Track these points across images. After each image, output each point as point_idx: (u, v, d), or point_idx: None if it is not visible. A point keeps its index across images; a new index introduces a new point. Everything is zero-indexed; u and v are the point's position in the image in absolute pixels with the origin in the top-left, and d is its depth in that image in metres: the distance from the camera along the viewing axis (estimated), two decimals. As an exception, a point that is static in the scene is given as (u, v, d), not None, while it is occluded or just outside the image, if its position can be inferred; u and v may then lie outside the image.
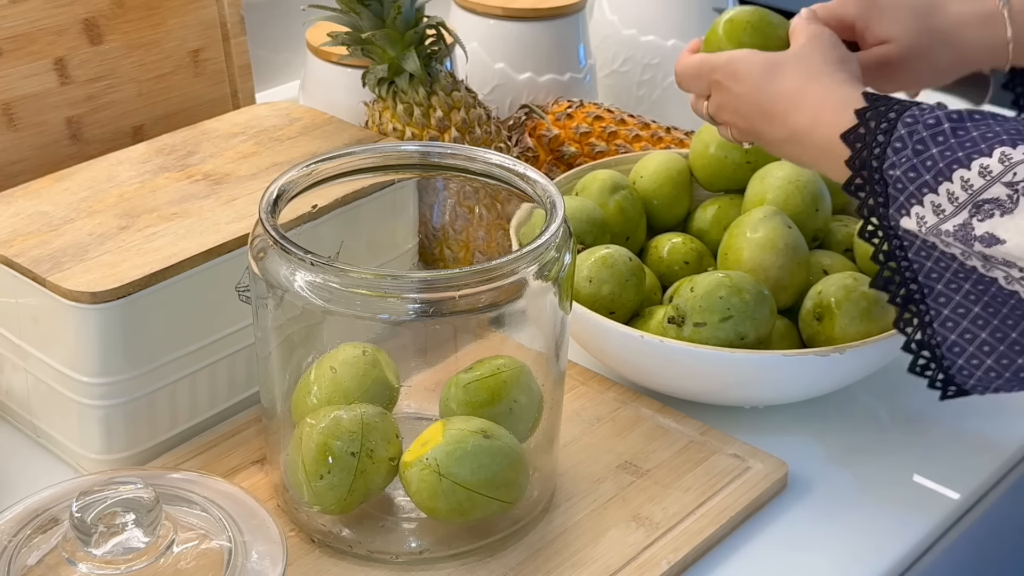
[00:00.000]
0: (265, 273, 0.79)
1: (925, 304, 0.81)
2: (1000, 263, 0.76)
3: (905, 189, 0.78)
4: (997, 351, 0.79)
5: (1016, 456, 0.97)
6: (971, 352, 0.80)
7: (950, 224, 0.76)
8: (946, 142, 0.77)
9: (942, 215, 0.77)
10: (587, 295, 0.97)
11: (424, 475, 0.80)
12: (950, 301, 0.80)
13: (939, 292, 0.80)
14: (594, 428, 0.95)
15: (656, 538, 0.85)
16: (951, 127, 0.77)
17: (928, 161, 0.77)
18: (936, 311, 0.81)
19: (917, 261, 0.80)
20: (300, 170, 0.85)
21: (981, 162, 0.75)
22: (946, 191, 0.76)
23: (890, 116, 0.79)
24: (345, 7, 1.07)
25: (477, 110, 1.11)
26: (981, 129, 0.77)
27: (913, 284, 0.81)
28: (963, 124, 0.77)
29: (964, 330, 0.80)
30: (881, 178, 0.79)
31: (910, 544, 0.88)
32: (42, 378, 0.90)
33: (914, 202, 0.78)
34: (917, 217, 0.78)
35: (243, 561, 0.74)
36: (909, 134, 0.78)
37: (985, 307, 0.79)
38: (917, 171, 0.77)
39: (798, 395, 0.97)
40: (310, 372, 0.84)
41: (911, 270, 0.80)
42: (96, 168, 0.99)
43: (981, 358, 0.80)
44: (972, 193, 0.75)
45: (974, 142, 0.76)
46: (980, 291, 0.78)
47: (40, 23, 1.05)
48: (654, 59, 1.39)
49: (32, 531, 0.76)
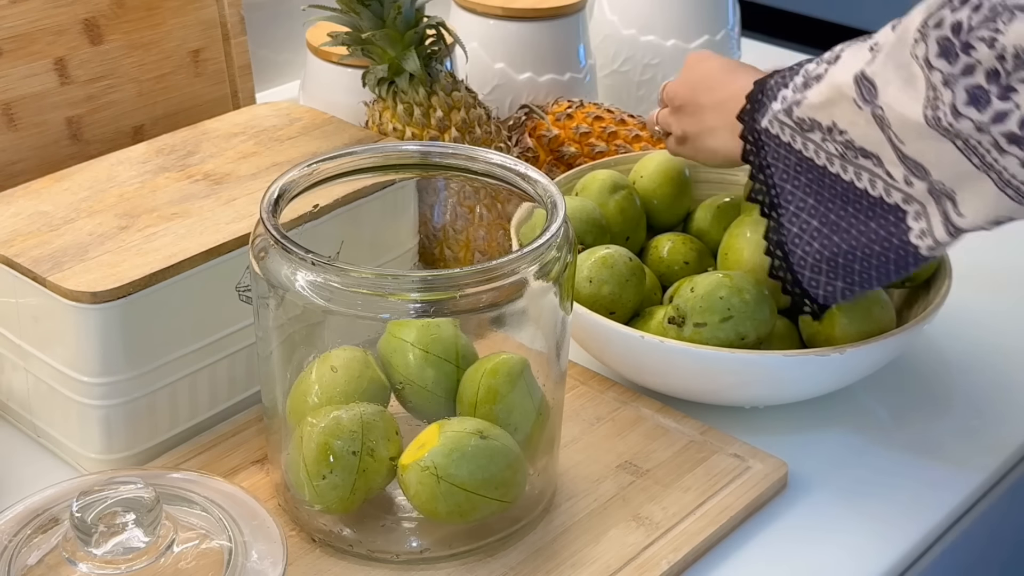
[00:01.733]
0: (266, 273, 0.79)
1: (781, 207, 0.91)
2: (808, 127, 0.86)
3: (772, 93, 0.90)
4: (822, 233, 0.89)
5: (1016, 456, 0.97)
6: (806, 240, 0.90)
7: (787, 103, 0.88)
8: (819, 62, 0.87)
9: (784, 101, 0.88)
10: (587, 295, 0.97)
11: (422, 478, 0.80)
12: (794, 197, 0.90)
13: (787, 191, 0.90)
14: (594, 428, 0.95)
15: (656, 538, 0.85)
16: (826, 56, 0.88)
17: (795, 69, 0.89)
18: (784, 208, 0.91)
19: (773, 164, 0.90)
20: (301, 170, 0.85)
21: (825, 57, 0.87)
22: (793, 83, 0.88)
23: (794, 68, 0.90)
24: (345, 7, 1.07)
25: (477, 110, 1.11)
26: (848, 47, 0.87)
27: (774, 190, 0.91)
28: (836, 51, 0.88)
29: (802, 222, 0.90)
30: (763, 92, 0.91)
31: (910, 544, 0.88)
32: (42, 378, 0.90)
33: (771, 99, 0.90)
34: (771, 111, 0.89)
35: (243, 561, 0.74)
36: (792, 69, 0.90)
37: (815, 195, 0.89)
38: (784, 76, 0.90)
39: (798, 395, 0.97)
40: (309, 372, 0.84)
41: (770, 174, 0.91)
42: (96, 168, 0.99)
43: (811, 244, 0.89)
44: (806, 76, 0.87)
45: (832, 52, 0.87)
46: (810, 180, 0.89)
47: (40, 23, 1.05)
48: (654, 59, 1.39)
49: (32, 531, 0.76)
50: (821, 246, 0.89)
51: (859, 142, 0.83)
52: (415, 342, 0.85)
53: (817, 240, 0.89)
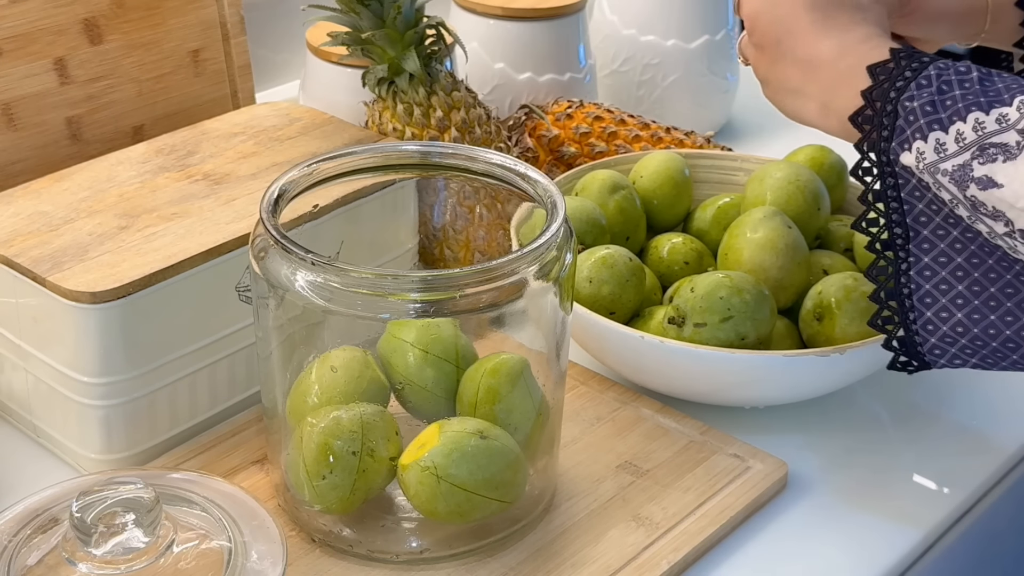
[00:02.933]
0: (266, 273, 0.79)
1: (906, 250, 0.79)
2: (988, 213, 0.74)
3: (915, 122, 0.76)
4: (971, 305, 0.78)
5: (1016, 456, 0.97)
6: (943, 303, 0.78)
7: (949, 164, 0.75)
8: (971, 87, 0.76)
9: (942, 153, 0.75)
10: (587, 295, 0.97)
11: (422, 478, 0.80)
12: (933, 247, 0.78)
13: (924, 237, 0.78)
14: (594, 428, 0.95)
15: (656, 538, 0.85)
16: (979, 76, 0.76)
17: (948, 100, 0.76)
18: (916, 257, 0.79)
19: (908, 201, 0.78)
20: (301, 170, 0.85)
21: (1001, 111, 0.74)
22: (956, 131, 0.75)
23: (924, 59, 0.78)
24: (345, 7, 1.07)
25: (477, 110, 1.11)
26: (1007, 82, 0.76)
27: (898, 228, 0.79)
28: (991, 77, 0.76)
29: (942, 280, 0.78)
30: (894, 109, 0.77)
31: (910, 544, 0.88)
32: (42, 378, 0.90)
33: (919, 136, 0.76)
34: (917, 152, 0.76)
35: (243, 561, 0.74)
36: (937, 75, 0.77)
37: (969, 257, 0.77)
38: (934, 107, 0.76)
39: (798, 395, 0.97)
40: (309, 372, 0.84)
41: (900, 212, 0.79)
42: (96, 168, 0.99)
43: (952, 311, 0.78)
44: (982, 135, 0.74)
45: (998, 92, 0.75)
46: (967, 239, 0.77)
47: (40, 23, 1.05)
48: (654, 59, 1.39)
49: (32, 531, 0.76)
50: (967, 319, 0.78)
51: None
52: (415, 342, 0.85)
53: (962, 311, 0.78)
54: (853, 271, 1.00)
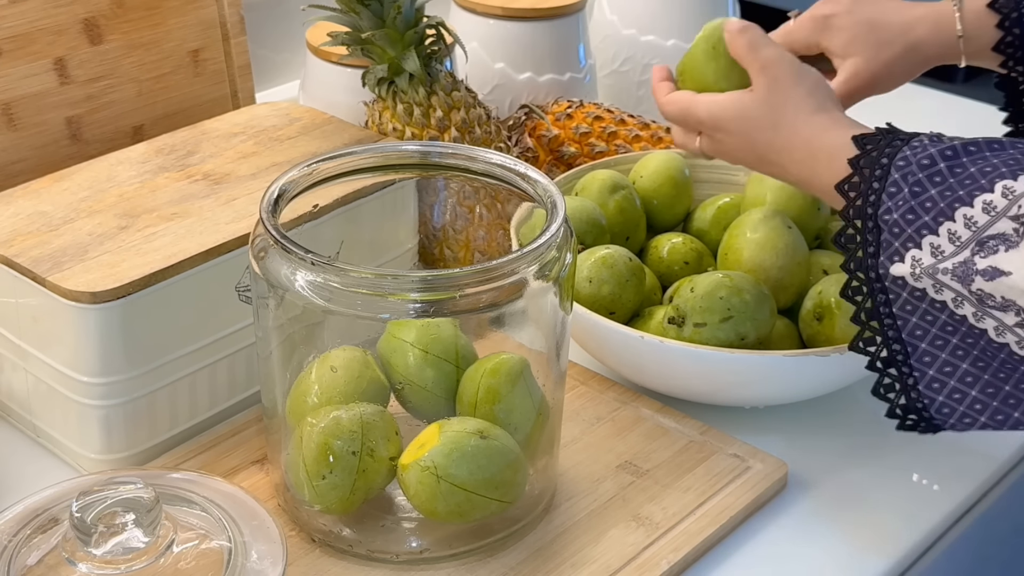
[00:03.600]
0: (266, 273, 0.79)
1: (908, 366, 0.77)
2: (996, 305, 0.72)
3: (902, 233, 0.76)
4: (990, 407, 0.76)
5: (1016, 456, 0.97)
6: (962, 411, 0.76)
7: (949, 263, 0.74)
8: (944, 182, 0.75)
9: (940, 255, 0.74)
10: (587, 295, 0.97)
11: (422, 478, 0.80)
12: (935, 359, 0.76)
13: (923, 351, 0.76)
14: (594, 428, 0.95)
15: (656, 538, 0.85)
16: (947, 166, 0.75)
17: (927, 203, 0.75)
18: (921, 372, 0.77)
19: (901, 317, 0.76)
20: (301, 170, 0.85)
21: (984, 198, 0.73)
22: (947, 231, 0.74)
23: (882, 162, 0.78)
24: (345, 7, 1.07)
25: (477, 110, 1.11)
26: (979, 164, 0.75)
27: (896, 344, 0.77)
28: (959, 160, 0.75)
29: (953, 389, 0.76)
30: (875, 225, 0.77)
31: (910, 544, 0.88)
32: (42, 378, 0.90)
33: (911, 245, 0.75)
34: (912, 260, 0.75)
35: (243, 561, 0.74)
36: (903, 177, 0.76)
37: (974, 362, 0.75)
38: (916, 213, 0.75)
39: (798, 395, 0.97)
40: (309, 372, 0.84)
41: (894, 328, 0.77)
42: (96, 168, 0.99)
43: (973, 416, 0.76)
44: (976, 230, 0.73)
45: (973, 178, 0.74)
46: (969, 344, 0.75)
47: (40, 23, 1.05)
48: (654, 59, 1.39)
49: (32, 531, 0.76)
50: (992, 421, 0.76)
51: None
52: (415, 342, 0.85)
53: (983, 415, 0.76)
54: (853, 271, 1.00)
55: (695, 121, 0.90)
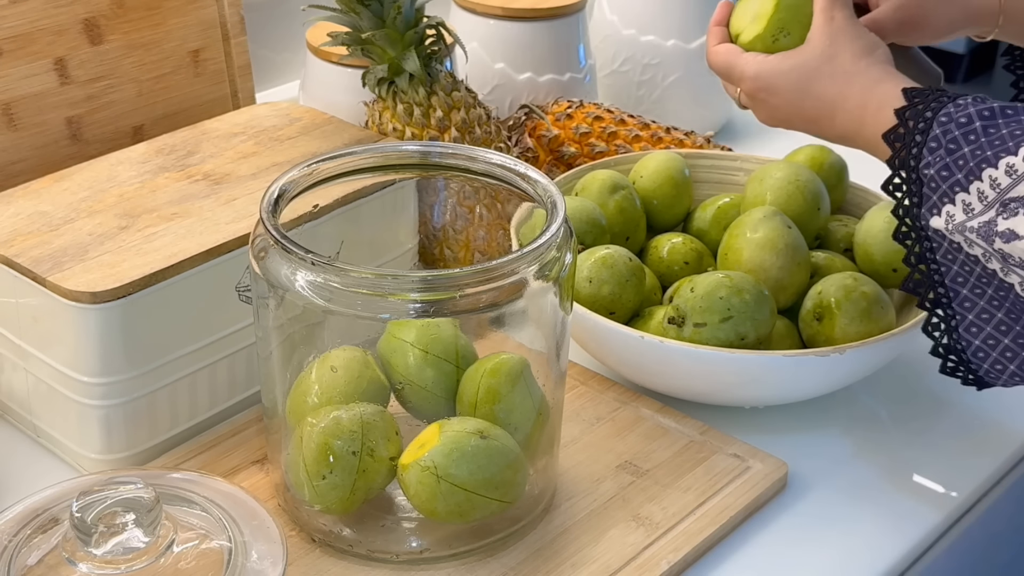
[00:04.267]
0: (266, 273, 0.79)
1: (951, 308, 0.81)
2: (1016, 263, 0.76)
3: (938, 188, 0.79)
4: (1020, 356, 0.80)
5: (1016, 456, 0.97)
6: (995, 357, 0.81)
7: (976, 221, 0.77)
8: (977, 141, 0.77)
9: (971, 213, 0.77)
10: (587, 295, 0.97)
11: (422, 477, 0.80)
12: (975, 306, 0.80)
13: (964, 297, 0.80)
14: (594, 428, 0.95)
15: (656, 538, 0.85)
16: (982, 125, 0.78)
17: (960, 160, 0.78)
18: (961, 315, 0.81)
19: (944, 264, 0.80)
20: (301, 170, 0.85)
21: (1008, 160, 0.76)
22: (976, 190, 0.77)
23: (926, 115, 0.80)
24: (345, 7, 1.07)
25: (477, 110, 1.11)
26: (1011, 127, 0.77)
27: (941, 288, 0.81)
28: (994, 121, 0.78)
29: (988, 335, 0.80)
30: (917, 177, 0.80)
31: (910, 544, 0.88)
32: (42, 378, 0.90)
33: (946, 201, 0.78)
34: (947, 215, 0.78)
35: (243, 561, 0.74)
36: (943, 133, 0.79)
37: (1008, 312, 0.79)
38: (950, 170, 0.78)
39: (798, 395, 0.97)
40: (309, 372, 0.84)
41: (939, 273, 0.81)
42: (96, 168, 0.99)
43: (1004, 363, 0.81)
44: (1000, 191, 0.76)
45: (1003, 140, 0.76)
46: (1002, 297, 0.79)
47: (40, 23, 1.05)
48: (654, 59, 1.39)
49: (32, 531, 0.76)
50: (1020, 369, 0.81)
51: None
52: (415, 342, 0.85)
53: (1014, 363, 0.80)
54: (853, 271, 1.00)
55: (738, 76, 0.92)
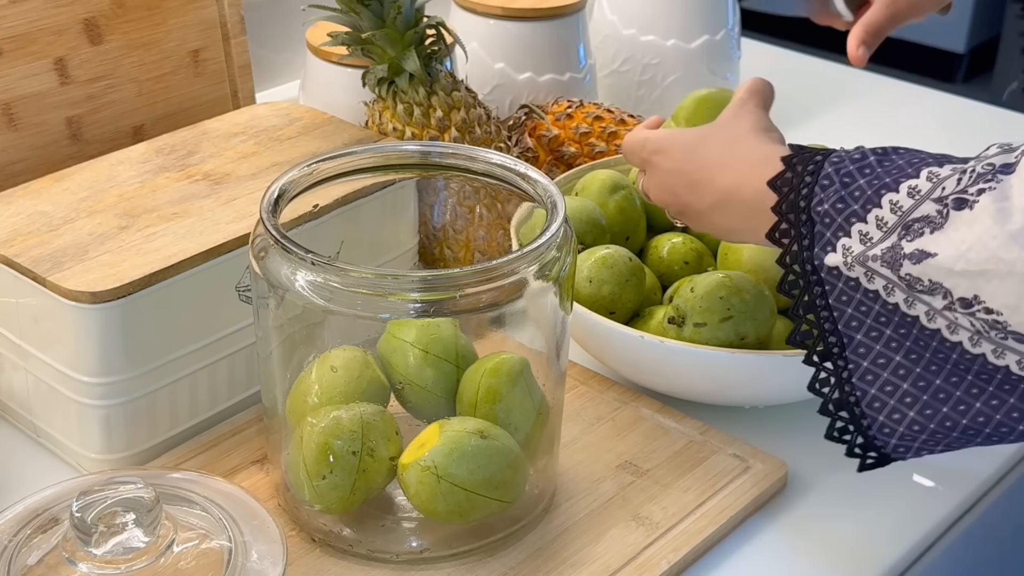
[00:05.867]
0: (266, 273, 0.79)
1: (844, 358, 0.77)
2: (924, 289, 0.73)
3: (833, 223, 0.76)
4: (920, 401, 0.75)
5: (1016, 456, 0.97)
6: (892, 405, 0.76)
7: (878, 248, 0.74)
8: (872, 172, 0.76)
9: (869, 242, 0.75)
10: (587, 295, 0.97)
11: (422, 477, 0.80)
12: (870, 351, 0.76)
13: (859, 343, 0.77)
14: (594, 428, 0.95)
15: (656, 538, 0.85)
16: (876, 159, 0.77)
17: (856, 192, 0.76)
18: (855, 364, 0.77)
19: (837, 308, 0.77)
20: (301, 170, 0.85)
21: (909, 184, 0.74)
22: (875, 217, 0.75)
23: (816, 159, 0.79)
24: (345, 7, 1.07)
25: (477, 110, 1.11)
26: (905, 157, 0.76)
27: (832, 336, 0.77)
28: (887, 156, 0.77)
29: (885, 382, 0.76)
30: (808, 218, 0.78)
31: (910, 544, 0.88)
32: (42, 378, 0.90)
33: (841, 234, 0.76)
34: (843, 249, 0.76)
35: (243, 561, 0.74)
36: (836, 171, 0.77)
37: (907, 353, 0.75)
38: (845, 202, 0.76)
39: (798, 395, 0.97)
40: (309, 372, 0.84)
41: (830, 320, 0.77)
42: (96, 168, 0.99)
43: (903, 411, 0.76)
44: (901, 215, 0.74)
45: (900, 168, 0.76)
46: (901, 336, 0.75)
47: (40, 23, 1.05)
48: (654, 59, 1.39)
49: (32, 531, 0.76)
50: (920, 416, 0.76)
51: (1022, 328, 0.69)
52: (415, 342, 0.85)
53: (913, 409, 0.75)
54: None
55: (640, 146, 0.90)
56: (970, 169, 0.73)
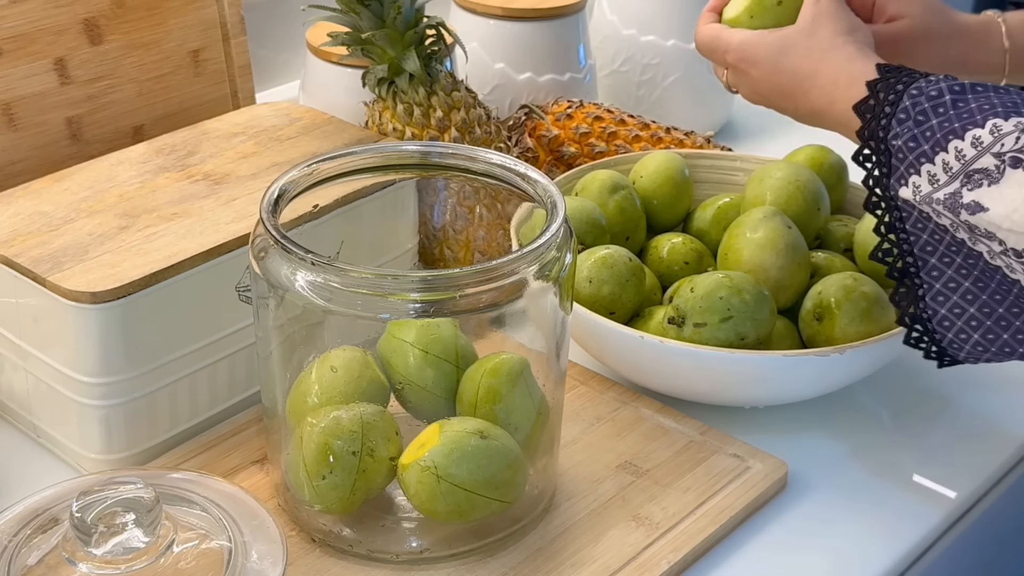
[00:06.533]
0: (266, 273, 0.79)
1: (919, 277, 0.82)
2: (983, 234, 0.77)
3: (905, 159, 0.80)
4: (984, 326, 0.81)
5: (1016, 456, 0.97)
6: (960, 326, 0.82)
7: (942, 193, 0.78)
8: (945, 113, 0.79)
9: (936, 184, 0.78)
10: (587, 295, 0.97)
11: (422, 477, 0.80)
12: (942, 275, 0.81)
13: (932, 266, 0.81)
14: (594, 428, 0.95)
15: (656, 538, 0.85)
16: (951, 99, 0.79)
17: (927, 132, 0.79)
18: (928, 284, 0.82)
19: (914, 233, 0.81)
20: (301, 170, 0.85)
21: (974, 133, 0.77)
22: (942, 161, 0.78)
23: (897, 88, 0.82)
24: (345, 7, 1.07)
25: (477, 110, 1.11)
26: (980, 101, 0.78)
27: (909, 257, 0.82)
28: (964, 96, 0.79)
29: (954, 304, 0.81)
30: (886, 148, 0.81)
31: (910, 544, 0.88)
32: (42, 378, 0.90)
33: (912, 172, 0.79)
34: (914, 186, 0.79)
35: (243, 561, 0.74)
36: (913, 105, 0.80)
37: (975, 281, 0.80)
38: (917, 141, 0.79)
39: (798, 395, 0.97)
40: (309, 372, 0.84)
41: (908, 242, 0.82)
42: (96, 168, 0.99)
43: (969, 332, 0.81)
44: (964, 163, 0.77)
45: (971, 113, 0.78)
46: (970, 265, 0.79)
47: (40, 23, 1.05)
48: (654, 59, 1.39)
49: (32, 531, 0.76)
50: (983, 340, 0.81)
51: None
52: (415, 342, 0.85)
53: (977, 332, 0.81)
54: (853, 271, 1.00)
55: (724, 50, 0.94)
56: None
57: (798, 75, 0.89)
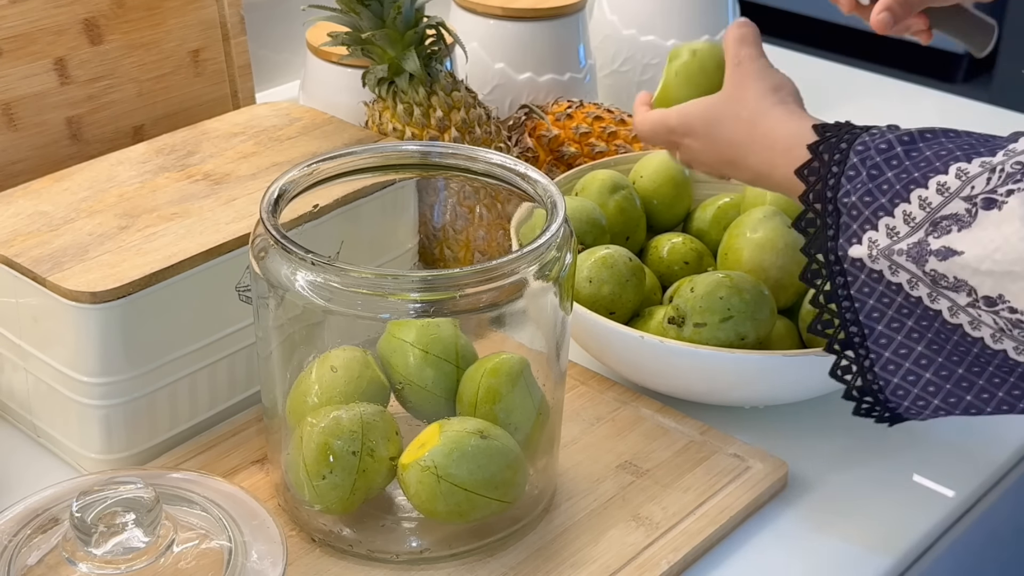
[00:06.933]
0: (266, 273, 0.79)
1: (865, 348, 0.79)
2: (949, 285, 0.74)
3: (860, 215, 0.77)
4: (944, 389, 0.77)
5: (1016, 456, 0.97)
6: (916, 393, 0.78)
7: (905, 243, 0.75)
8: (900, 164, 0.76)
9: (895, 236, 0.75)
10: (587, 295, 0.97)
11: (422, 477, 0.80)
12: (891, 342, 0.78)
13: (880, 333, 0.78)
14: (594, 428, 0.95)
15: (656, 538, 0.85)
16: (903, 149, 0.77)
17: (884, 185, 0.76)
18: (877, 354, 0.78)
19: (859, 299, 0.78)
20: (301, 170, 0.85)
21: (938, 180, 0.75)
22: (902, 212, 0.75)
23: (841, 147, 0.79)
24: (345, 7, 1.07)
25: (477, 110, 1.11)
26: (934, 148, 0.76)
27: (853, 326, 0.78)
28: (914, 144, 0.77)
29: (907, 371, 0.78)
30: (835, 208, 0.78)
31: (910, 544, 0.88)
32: (42, 378, 0.90)
33: (868, 227, 0.76)
34: (869, 242, 0.76)
35: (243, 561, 0.74)
36: (862, 161, 0.78)
37: (928, 344, 0.77)
38: (872, 195, 0.76)
39: (798, 395, 0.97)
40: (309, 372, 0.84)
41: (852, 310, 0.78)
42: (96, 168, 0.99)
43: (927, 399, 0.78)
44: (930, 211, 0.74)
45: (927, 161, 0.76)
46: (923, 327, 0.76)
47: (40, 23, 1.05)
48: (654, 59, 1.39)
49: (32, 531, 0.76)
50: (944, 403, 0.78)
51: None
52: (415, 342, 0.85)
53: (937, 397, 0.78)
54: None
55: (666, 131, 0.91)
56: (999, 167, 0.73)
57: (733, 144, 0.87)
